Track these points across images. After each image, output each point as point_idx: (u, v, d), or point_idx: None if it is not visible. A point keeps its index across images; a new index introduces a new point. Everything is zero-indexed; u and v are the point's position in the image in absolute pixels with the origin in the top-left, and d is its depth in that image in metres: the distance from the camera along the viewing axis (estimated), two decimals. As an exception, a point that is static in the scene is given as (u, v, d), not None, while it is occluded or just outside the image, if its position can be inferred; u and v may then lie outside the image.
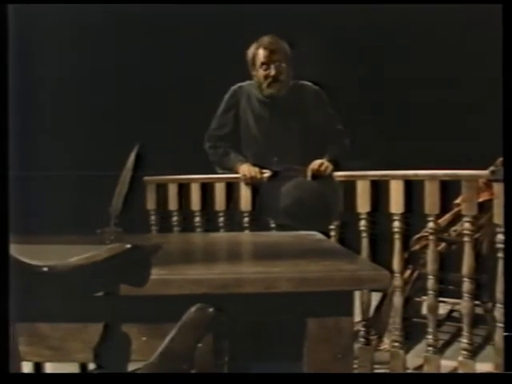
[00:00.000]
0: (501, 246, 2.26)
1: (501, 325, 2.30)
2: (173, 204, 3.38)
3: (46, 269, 0.86)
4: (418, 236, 3.40)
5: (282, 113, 3.18)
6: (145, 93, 4.43)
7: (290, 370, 1.31)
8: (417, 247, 3.43)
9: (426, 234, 3.45)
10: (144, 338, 1.20)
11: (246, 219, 3.15)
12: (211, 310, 1.02)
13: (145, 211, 3.49)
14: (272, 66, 3.11)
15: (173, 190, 3.39)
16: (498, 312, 2.32)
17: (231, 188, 3.24)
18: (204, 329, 1.00)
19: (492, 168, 2.34)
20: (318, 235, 2.07)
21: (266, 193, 3.04)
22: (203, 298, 1.07)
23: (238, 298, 1.18)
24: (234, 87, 3.32)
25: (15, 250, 1.30)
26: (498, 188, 2.28)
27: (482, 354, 2.93)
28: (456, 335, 3.40)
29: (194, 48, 4.44)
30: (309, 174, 2.98)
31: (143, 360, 1.36)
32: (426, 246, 3.49)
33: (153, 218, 3.47)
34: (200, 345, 1.03)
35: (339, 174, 2.96)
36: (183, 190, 3.39)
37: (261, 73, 3.14)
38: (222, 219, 3.24)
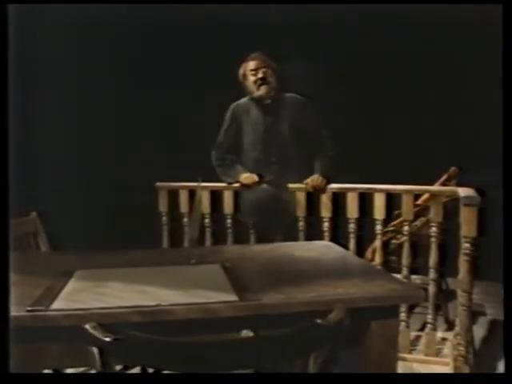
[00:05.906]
0: (467, 251, 2.96)
1: (464, 308, 3.03)
2: (183, 207, 3.97)
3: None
4: (385, 230, 4.15)
5: (275, 119, 3.80)
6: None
7: (354, 355, 1.98)
8: (384, 239, 4.19)
9: (391, 228, 4.23)
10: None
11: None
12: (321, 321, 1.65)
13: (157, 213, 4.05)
14: (260, 71, 3.77)
15: (183, 195, 3.96)
16: (462, 298, 3.04)
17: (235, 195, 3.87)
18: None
19: (466, 194, 2.91)
20: (336, 247, 2.72)
21: (246, 199, 3.84)
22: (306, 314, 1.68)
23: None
24: (232, 106, 3.91)
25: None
26: (467, 212, 2.88)
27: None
28: (411, 308, 4.21)
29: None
30: (309, 189, 3.64)
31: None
32: (391, 238, 4.28)
33: (164, 218, 4.04)
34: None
35: (333, 187, 3.62)
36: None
37: (251, 78, 3.79)
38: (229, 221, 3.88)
